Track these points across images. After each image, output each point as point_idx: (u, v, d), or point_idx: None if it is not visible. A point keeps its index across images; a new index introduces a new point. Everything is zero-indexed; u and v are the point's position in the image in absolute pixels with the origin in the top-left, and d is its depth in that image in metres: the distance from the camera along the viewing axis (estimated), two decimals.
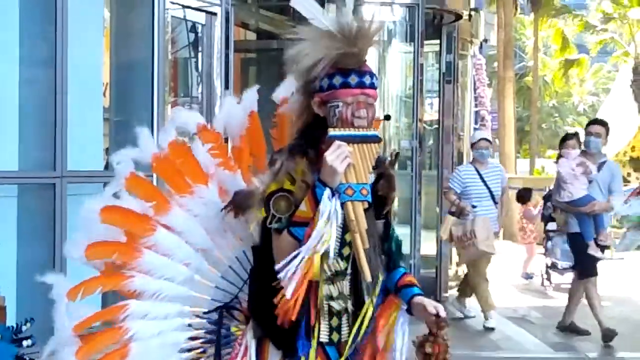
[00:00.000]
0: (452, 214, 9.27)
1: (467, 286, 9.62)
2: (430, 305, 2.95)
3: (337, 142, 2.80)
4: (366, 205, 2.84)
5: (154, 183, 3.43)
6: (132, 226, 3.13)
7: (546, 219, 12.01)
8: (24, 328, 4.89)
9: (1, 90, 6.59)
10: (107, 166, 7.50)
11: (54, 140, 6.51)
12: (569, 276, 11.92)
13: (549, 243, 11.85)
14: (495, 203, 9.15)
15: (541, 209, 12.38)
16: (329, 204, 2.77)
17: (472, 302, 9.55)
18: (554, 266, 11.76)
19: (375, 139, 2.89)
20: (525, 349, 8.26)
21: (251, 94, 3.40)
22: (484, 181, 9.07)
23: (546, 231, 12.00)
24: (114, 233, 3.12)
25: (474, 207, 8.94)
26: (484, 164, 9.21)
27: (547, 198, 12.25)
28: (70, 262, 6.36)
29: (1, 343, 4.77)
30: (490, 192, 9.08)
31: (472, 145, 9.45)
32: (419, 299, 3.00)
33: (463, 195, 9.04)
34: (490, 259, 9.38)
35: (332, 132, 2.83)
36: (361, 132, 2.85)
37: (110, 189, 3.16)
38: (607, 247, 9.13)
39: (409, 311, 3.03)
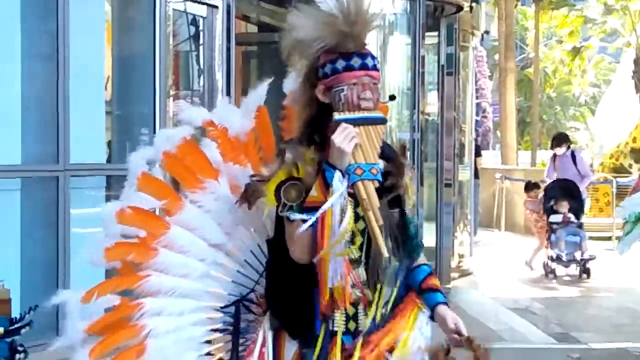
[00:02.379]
0: None
1: None
2: (451, 320, 2.99)
3: (343, 125, 2.83)
4: (377, 184, 2.86)
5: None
6: (147, 226, 3.14)
7: (548, 211, 11.87)
8: (27, 316, 4.93)
9: (3, 85, 6.61)
10: (110, 159, 7.52)
11: (57, 133, 6.53)
12: (573, 268, 11.80)
13: (553, 236, 11.71)
14: None
15: (541, 200, 12.23)
16: (340, 185, 2.80)
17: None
18: (558, 259, 11.63)
19: (381, 120, 2.92)
20: (527, 340, 8.27)
21: (257, 92, 3.41)
22: None
23: (549, 224, 11.85)
24: (131, 233, 3.14)
25: None
26: None
27: (548, 190, 12.15)
28: (74, 257, 6.43)
29: None
30: None
31: None
32: (442, 309, 3.02)
33: None
34: None
35: (337, 116, 2.86)
36: (366, 114, 2.88)
37: (127, 190, 3.16)
38: None
39: (431, 317, 3.04)
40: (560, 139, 12.91)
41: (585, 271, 11.74)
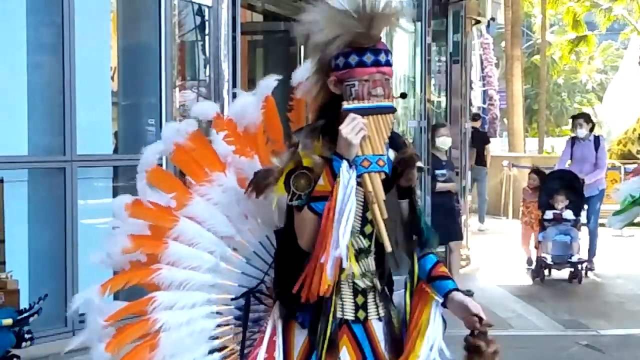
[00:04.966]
0: None
1: None
2: (473, 306, 2.98)
3: (351, 115, 2.82)
4: (383, 176, 2.86)
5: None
6: (157, 219, 3.15)
7: (544, 205, 10.60)
8: (36, 306, 4.96)
9: (10, 76, 6.61)
10: (116, 150, 7.53)
11: (63, 124, 6.52)
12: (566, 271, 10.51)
13: (541, 234, 10.54)
14: None
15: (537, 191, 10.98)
16: (347, 176, 2.80)
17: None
18: (543, 261, 10.44)
19: (390, 109, 2.91)
20: (536, 326, 8.27)
21: (265, 83, 3.39)
22: None
23: (541, 220, 10.60)
24: (140, 227, 3.15)
25: None
26: None
27: (546, 182, 10.89)
28: (82, 247, 6.45)
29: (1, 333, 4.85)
30: None
31: None
32: (458, 296, 3.01)
33: None
34: None
35: (346, 105, 2.85)
36: (375, 102, 2.87)
37: (140, 184, 3.17)
38: None
39: (443, 304, 3.03)
40: (586, 119, 11.20)
41: (575, 276, 10.40)
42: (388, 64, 2.90)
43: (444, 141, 9.48)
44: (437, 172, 9.35)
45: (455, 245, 9.64)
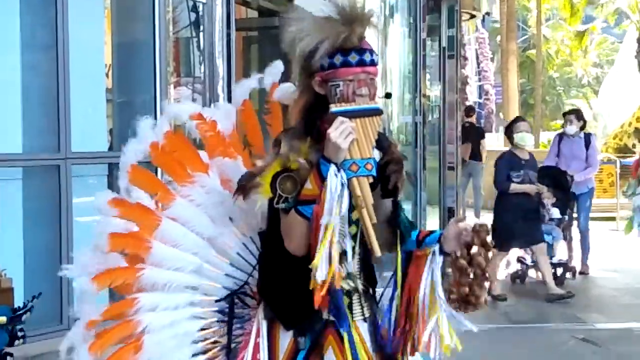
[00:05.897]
0: None
1: None
2: (463, 222, 2.98)
3: (339, 118, 2.78)
4: (371, 180, 2.83)
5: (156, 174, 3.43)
6: (139, 219, 3.13)
7: None
8: (29, 304, 4.96)
9: (4, 74, 6.61)
10: (111, 147, 7.52)
11: (58, 122, 6.53)
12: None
13: None
14: None
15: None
16: (335, 180, 2.77)
17: None
18: (521, 262, 10.03)
19: (377, 112, 2.88)
20: (534, 320, 8.27)
21: (241, 88, 3.37)
22: None
23: None
24: (121, 227, 3.11)
25: None
26: None
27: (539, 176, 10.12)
28: (77, 245, 6.43)
29: None
30: None
31: None
32: (446, 230, 2.99)
33: None
34: None
35: (333, 108, 2.83)
36: (362, 105, 2.84)
37: (122, 183, 3.15)
38: None
39: (441, 250, 3.00)
40: (577, 115, 10.59)
41: (556, 277, 9.68)
42: (373, 63, 2.88)
43: (522, 137, 8.95)
44: (511, 173, 8.85)
45: (538, 250, 9.07)
